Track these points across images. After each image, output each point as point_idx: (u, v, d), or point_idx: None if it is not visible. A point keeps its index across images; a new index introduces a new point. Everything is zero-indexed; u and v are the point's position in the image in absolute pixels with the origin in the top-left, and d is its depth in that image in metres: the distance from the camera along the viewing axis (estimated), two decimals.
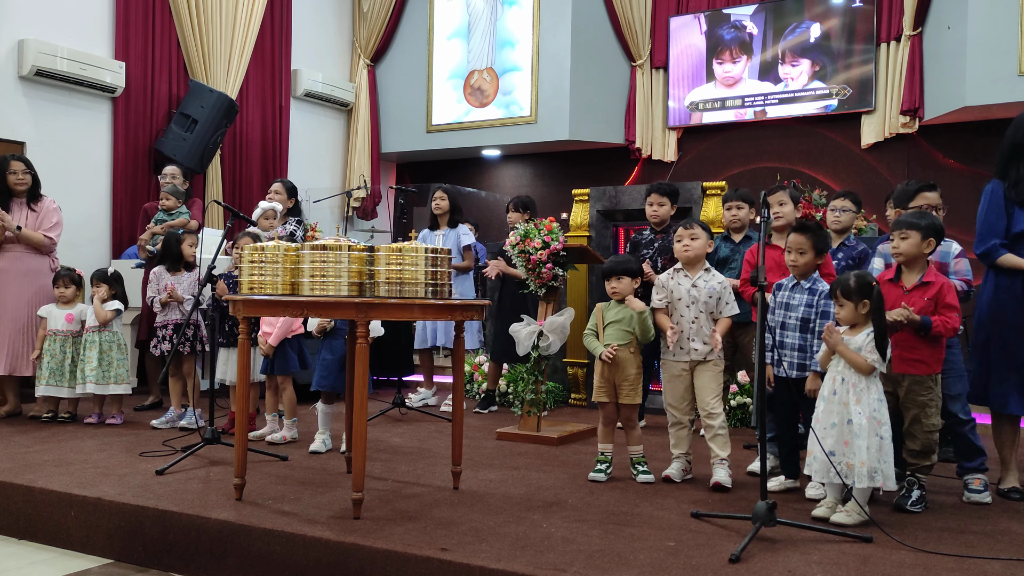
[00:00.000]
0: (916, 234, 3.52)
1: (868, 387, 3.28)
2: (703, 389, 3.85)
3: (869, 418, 3.23)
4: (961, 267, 3.84)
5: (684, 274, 3.95)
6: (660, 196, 5.19)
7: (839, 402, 3.30)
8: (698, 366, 3.88)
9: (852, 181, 8.30)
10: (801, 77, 8.61)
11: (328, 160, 10.23)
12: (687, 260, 3.93)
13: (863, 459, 3.20)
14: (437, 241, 6.13)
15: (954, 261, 3.85)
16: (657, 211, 5.20)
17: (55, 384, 5.35)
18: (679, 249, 3.95)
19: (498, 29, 9.79)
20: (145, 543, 3.30)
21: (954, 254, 3.87)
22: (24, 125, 6.91)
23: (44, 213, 5.65)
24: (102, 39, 7.51)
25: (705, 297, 3.87)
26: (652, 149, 9.42)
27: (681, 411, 3.92)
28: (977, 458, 3.74)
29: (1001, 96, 7.20)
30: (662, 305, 3.96)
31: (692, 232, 3.93)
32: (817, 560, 2.81)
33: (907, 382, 3.50)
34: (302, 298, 3.24)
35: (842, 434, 3.27)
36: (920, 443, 3.49)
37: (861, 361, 3.26)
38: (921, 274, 3.55)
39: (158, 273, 5.47)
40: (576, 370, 6.37)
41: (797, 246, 3.70)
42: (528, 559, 2.75)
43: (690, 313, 3.89)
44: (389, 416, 5.76)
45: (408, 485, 3.79)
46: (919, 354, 3.49)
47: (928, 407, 3.48)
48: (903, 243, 3.54)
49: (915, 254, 3.54)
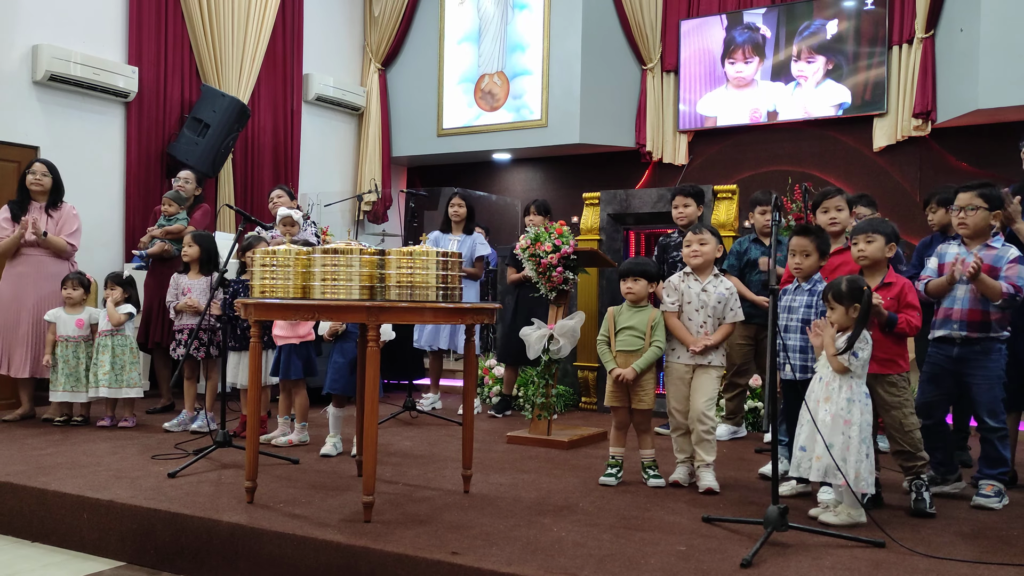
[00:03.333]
0: (881, 238, 3.61)
1: (840, 387, 3.34)
2: (697, 392, 3.87)
3: (834, 416, 3.30)
4: (1012, 272, 3.63)
5: (694, 278, 3.95)
6: (685, 198, 5.21)
7: (814, 400, 3.39)
8: (698, 369, 3.90)
9: (864, 184, 8.26)
10: (816, 74, 8.57)
11: (339, 164, 10.26)
12: (696, 266, 3.94)
13: (819, 454, 3.28)
14: (451, 246, 6.16)
15: (1007, 266, 3.65)
16: (683, 212, 5.22)
17: (70, 390, 5.37)
18: (688, 254, 3.96)
19: (508, 33, 9.80)
20: (157, 546, 3.31)
21: (1009, 258, 3.66)
22: (38, 130, 6.96)
23: (64, 219, 5.69)
24: (115, 44, 7.56)
25: (714, 302, 3.89)
26: (663, 152, 9.40)
27: (682, 414, 3.92)
28: (999, 467, 3.70)
29: (1014, 99, 7.15)
30: (674, 308, 3.96)
31: (701, 237, 3.94)
32: (829, 565, 2.80)
33: (879, 383, 3.53)
34: (313, 301, 3.25)
35: (813, 431, 3.34)
36: (901, 444, 3.53)
37: (834, 360, 3.35)
38: (882, 276, 3.63)
39: (176, 278, 5.46)
40: (587, 374, 6.36)
41: (801, 248, 3.72)
42: (539, 563, 2.74)
43: (699, 317, 3.91)
44: (400, 419, 5.77)
45: (419, 489, 3.79)
46: (888, 352, 3.52)
47: (904, 407, 3.52)
48: (869, 247, 3.62)
49: (879, 257, 3.62)
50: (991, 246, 3.73)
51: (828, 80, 8.52)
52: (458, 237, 6.21)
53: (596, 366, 6.19)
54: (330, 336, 4.67)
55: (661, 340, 3.93)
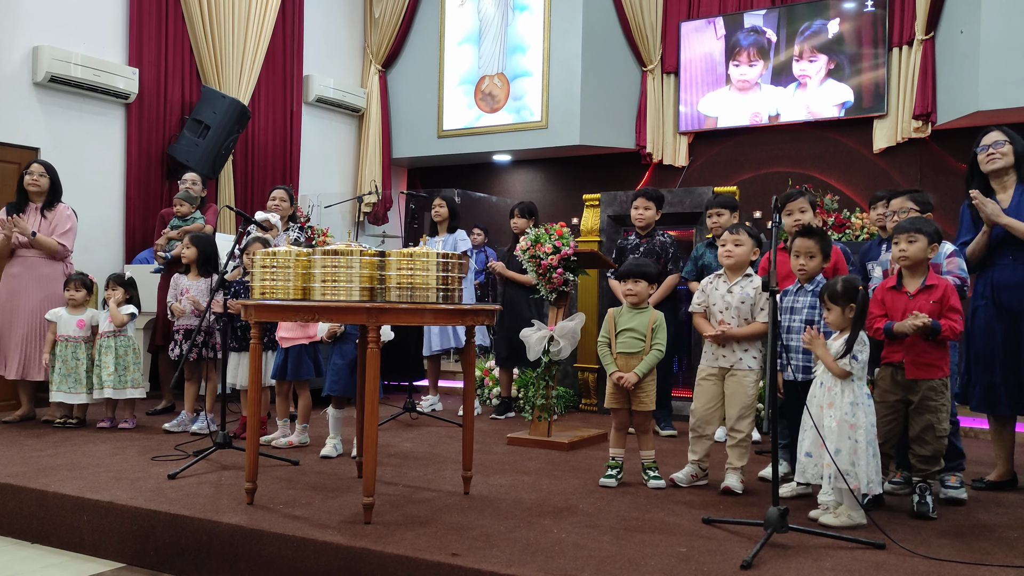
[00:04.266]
0: (923, 238, 3.52)
1: (842, 391, 3.32)
2: (730, 401, 3.84)
3: (840, 422, 3.28)
4: (953, 266, 3.79)
5: (723, 279, 3.94)
6: (647, 200, 5.24)
7: (816, 405, 3.37)
8: (728, 375, 3.86)
9: (864, 186, 8.26)
10: (818, 74, 8.56)
11: (339, 165, 10.27)
12: (729, 266, 3.91)
13: (828, 461, 3.25)
14: (436, 247, 6.23)
15: (946, 261, 3.81)
16: (643, 215, 5.24)
17: (67, 391, 5.36)
18: (721, 254, 3.94)
19: (509, 34, 9.81)
20: (157, 547, 3.31)
21: (946, 253, 3.82)
22: (38, 131, 6.96)
23: (57, 219, 5.66)
24: (116, 46, 7.57)
25: (737, 303, 3.85)
26: (663, 154, 9.40)
27: (705, 420, 3.89)
28: (956, 459, 3.82)
29: (1014, 100, 7.15)
30: (700, 310, 3.96)
31: (737, 238, 3.89)
32: (829, 567, 2.80)
33: (922, 388, 3.49)
34: (314, 303, 3.25)
35: (817, 437, 3.32)
36: (931, 449, 3.49)
37: (835, 366, 3.32)
38: (923, 278, 3.56)
39: (176, 279, 5.46)
40: (587, 375, 6.36)
41: (806, 250, 3.70)
42: (539, 564, 2.74)
43: (723, 319, 3.88)
44: (400, 421, 5.77)
45: (419, 490, 3.79)
46: (930, 358, 3.49)
47: (940, 412, 3.48)
48: (911, 247, 3.53)
49: (921, 258, 3.54)
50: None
51: (830, 80, 8.52)
52: (442, 238, 6.34)
53: (596, 367, 6.19)
54: (328, 338, 4.67)
55: (662, 343, 3.92)
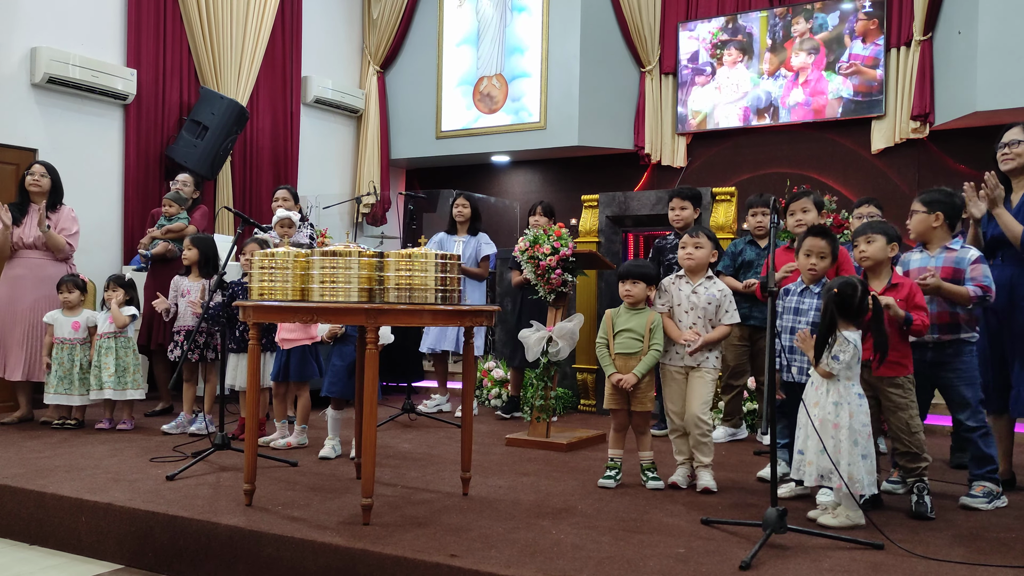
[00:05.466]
0: (881, 238, 3.59)
1: (827, 391, 3.35)
2: (691, 395, 3.89)
3: (822, 421, 3.31)
4: (978, 273, 3.67)
5: (686, 281, 3.97)
6: (682, 200, 5.24)
7: (809, 403, 3.41)
8: (691, 372, 3.90)
9: (862, 186, 8.27)
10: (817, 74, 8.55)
11: (338, 166, 10.27)
12: (689, 268, 3.97)
13: (811, 459, 3.31)
14: (456, 247, 6.18)
15: (970, 268, 3.69)
16: (680, 215, 5.24)
17: (64, 392, 5.35)
18: (682, 256, 3.98)
19: (507, 35, 9.81)
20: (155, 548, 3.31)
21: (971, 260, 3.70)
22: (37, 132, 6.96)
23: (62, 220, 5.67)
24: (114, 47, 7.56)
25: (704, 304, 3.90)
26: (661, 155, 9.41)
27: (679, 416, 3.93)
28: (986, 466, 3.70)
29: (1012, 101, 7.16)
30: (664, 310, 3.98)
31: (697, 241, 3.95)
32: (828, 567, 2.80)
33: (885, 386, 3.53)
34: (312, 304, 3.25)
35: (806, 435, 3.35)
36: (906, 445, 3.53)
37: (818, 367, 3.37)
38: (887, 278, 3.61)
39: (177, 281, 5.45)
40: (586, 376, 6.36)
41: (818, 250, 3.69)
42: (537, 565, 2.74)
43: (688, 319, 3.92)
44: (398, 422, 5.76)
45: (417, 491, 3.79)
46: (895, 355, 3.50)
47: (909, 408, 3.52)
48: (870, 247, 3.61)
49: (882, 258, 3.61)
50: (950, 248, 3.78)
51: (828, 81, 8.52)
52: (463, 238, 6.24)
53: (595, 368, 6.19)
54: (329, 339, 4.66)
55: (660, 343, 3.92)
